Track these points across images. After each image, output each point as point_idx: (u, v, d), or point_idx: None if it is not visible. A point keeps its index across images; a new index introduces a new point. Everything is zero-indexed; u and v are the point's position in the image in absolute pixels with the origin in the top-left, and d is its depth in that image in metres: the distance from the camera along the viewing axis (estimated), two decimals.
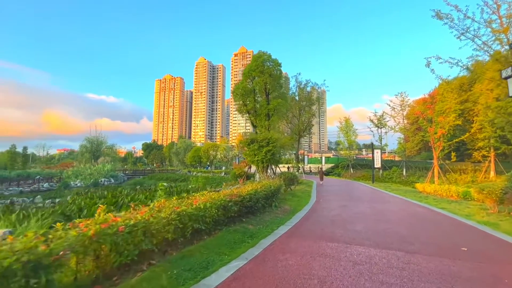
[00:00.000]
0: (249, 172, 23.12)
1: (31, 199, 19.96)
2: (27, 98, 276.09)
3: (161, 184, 13.20)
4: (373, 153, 27.20)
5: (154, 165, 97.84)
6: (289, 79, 42.27)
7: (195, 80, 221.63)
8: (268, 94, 23.28)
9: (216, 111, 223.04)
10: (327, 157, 59.02)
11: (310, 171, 46.23)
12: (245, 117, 24.53)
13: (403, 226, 7.78)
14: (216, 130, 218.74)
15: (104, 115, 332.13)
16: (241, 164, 37.42)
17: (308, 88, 39.84)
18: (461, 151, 30.01)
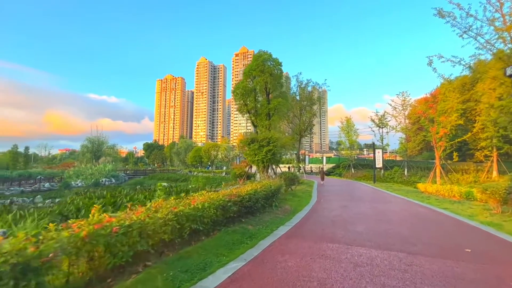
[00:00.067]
0: (250, 172, 23.02)
1: (31, 199, 19.93)
2: (28, 98, 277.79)
3: (160, 184, 13.11)
4: (375, 153, 27.03)
5: (155, 165, 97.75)
6: (290, 79, 42.15)
7: (196, 80, 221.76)
8: (269, 94, 23.15)
9: (217, 111, 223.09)
10: (328, 157, 58.88)
11: (311, 171, 46.11)
12: (246, 117, 24.39)
13: (405, 227, 7.65)
14: (217, 130, 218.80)
15: (106, 115, 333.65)
16: (241, 164, 37.31)
17: (309, 88, 39.62)
18: (463, 151, 29.80)
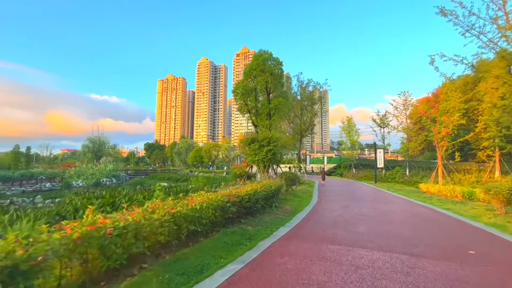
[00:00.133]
0: (251, 172, 22.91)
1: (31, 199, 19.89)
2: (30, 98, 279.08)
3: (159, 184, 13.01)
4: (376, 153, 26.88)
5: (156, 165, 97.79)
6: (291, 79, 42.00)
7: (197, 80, 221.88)
8: (269, 93, 23.05)
9: (218, 111, 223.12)
10: (329, 157, 58.73)
11: (312, 171, 45.94)
12: (246, 117, 24.28)
13: (407, 228, 7.52)
14: (218, 130, 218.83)
15: (107, 116, 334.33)
16: (241, 164, 37.21)
17: (310, 88, 39.48)
18: (465, 151, 29.59)
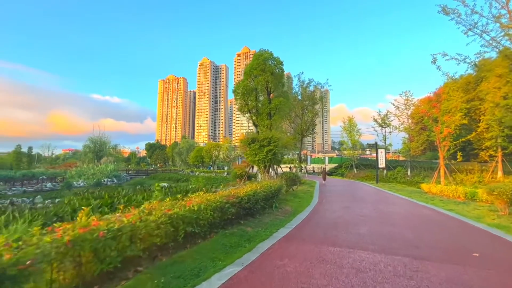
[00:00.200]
0: (251, 172, 22.80)
1: (31, 199, 19.86)
2: (32, 98, 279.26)
3: (157, 184, 12.92)
4: (377, 153, 26.70)
5: (157, 165, 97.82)
6: (292, 79, 41.87)
7: (198, 80, 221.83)
8: (270, 93, 22.94)
9: (219, 111, 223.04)
10: (331, 157, 58.55)
11: (313, 171, 45.76)
12: (247, 117, 24.19)
13: (409, 229, 7.40)
14: (219, 130, 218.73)
15: (109, 116, 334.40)
16: (242, 164, 37.10)
17: (311, 87, 39.35)
18: (467, 151, 29.41)
